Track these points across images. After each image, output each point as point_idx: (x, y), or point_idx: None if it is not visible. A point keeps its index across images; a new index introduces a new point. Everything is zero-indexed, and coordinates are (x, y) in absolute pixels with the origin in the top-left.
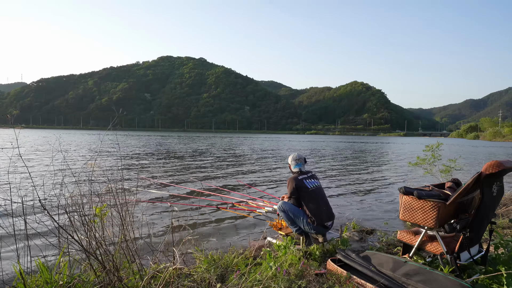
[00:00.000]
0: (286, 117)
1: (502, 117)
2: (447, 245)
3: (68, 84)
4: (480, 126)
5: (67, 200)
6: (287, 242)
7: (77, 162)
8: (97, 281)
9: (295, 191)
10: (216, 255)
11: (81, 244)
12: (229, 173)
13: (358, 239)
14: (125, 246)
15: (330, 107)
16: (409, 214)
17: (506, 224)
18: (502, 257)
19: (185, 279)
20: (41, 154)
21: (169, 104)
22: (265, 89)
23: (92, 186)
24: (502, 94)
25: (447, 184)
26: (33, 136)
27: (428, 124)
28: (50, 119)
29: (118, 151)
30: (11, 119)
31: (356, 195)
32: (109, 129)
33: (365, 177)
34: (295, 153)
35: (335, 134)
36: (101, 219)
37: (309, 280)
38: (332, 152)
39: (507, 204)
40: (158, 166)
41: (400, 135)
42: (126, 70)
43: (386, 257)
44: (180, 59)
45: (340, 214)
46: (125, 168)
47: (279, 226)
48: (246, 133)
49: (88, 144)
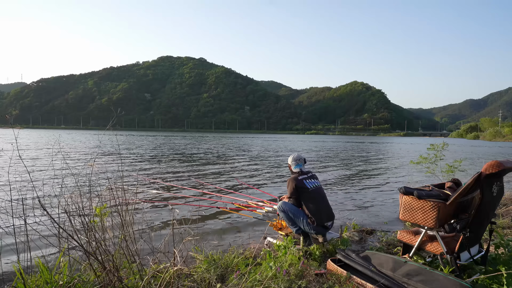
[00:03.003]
0: (286, 117)
1: (502, 117)
2: (447, 245)
3: (68, 84)
4: (480, 126)
5: (67, 200)
6: (287, 242)
7: (77, 162)
8: (97, 281)
9: (295, 191)
10: (216, 255)
11: (81, 244)
12: (229, 173)
13: (358, 239)
14: (125, 246)
15: (330, 107)
16: (409, 214)
17: (506, 224)
18: (502, 257)
19: (185, 279)
20: (41, 154)
21: (169, 104)
22: (265, 89)
23: (92, 186)
24: (502, 94)
25: (447, 184)
26: (33, 136)
27: (428, 124)
28: (50, 119)
29: (118, 151)
30: (11, 119)
31: (356, 195)
32: (107, 129)
33: (365, 177)
34: (295, 154)
35: (335, 134)
36: (101, 219)
37: (309, 280)
38: (332, 152)
39: (507, 204)
40: (158, 166)
41: (400, 135)
42: (126, 70)
43: (386, 257)
44: (180, 59)
45: (340, 214)
46: (125, 168)
47: (279, 226)
48: (246, 133)
49: (88, 144)
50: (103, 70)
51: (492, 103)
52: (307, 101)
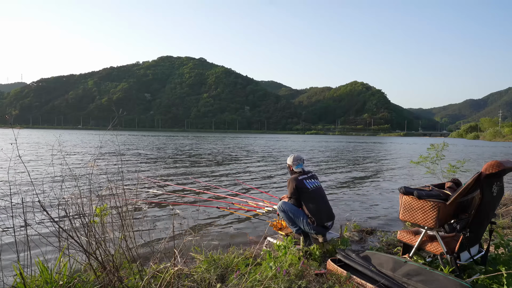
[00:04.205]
0: (286, 117)
1: (502, 117)
2: (447, 245)
3: (68, 84)
4: (480, 126)
5: (67, 200)
6: (287, 242)
7: (78, 163)
8: (97, 281)
9: (295, 191)
10: (216, 255)
11: (81, 245)
12: (229, 173)
13: (358, 239)
14: (125, 246)
15: (330, 107)
16: (409, 214)
17: (506, 224)
18: (502, 257)
19: (185, 279)
20: (41, 155)
21: (169, 104)
22: (265, 89)
23: (92, 186)
24: (502, 94)
25: (447, 184)
26: (33, 136)
27: (428, 124)
28: (50, 119)
29: (118, 152)
30: (11, 119)
31: (356, 195)
32: (109, 129)
33: (365, 177)
34: (295, 154)
35: (335, 134)
36: (101, 219)
37: (309, 280)
38: (332, 152)
39: (507, 204)
40: (158, 166)
41: (400, 135)
42: (126, 70)
43: (386, 257)
44: (180, 59)
45: (340, 214)
46: (125, 168)
47: (279, 226)
48: (247, 133)
49: (89, 144)
50: (103, 70)
51: (492, 103)
52: (307, 101)
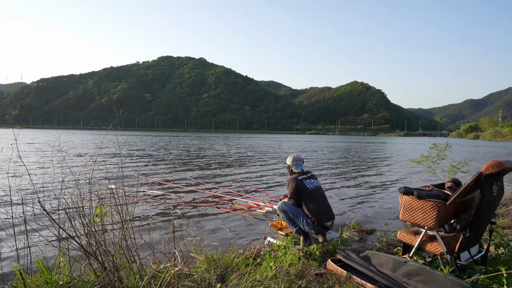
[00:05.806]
0: (286, 117)
1: (502, 117)
2: (447, 245)
3: (68, 84)
4: (480, 126)
5: (67, 200)
6: (287, 242)
7: (77, 162)
8: (97, 281)
9: (295, 192)
10: (216, 255)
11: (81, 245)
12: (229, 174)
13: (358, 239)
14: (125, 246)
15: (330, 107)
16: (409, 214)
17: (506, 224)
18: (502, 257)
19: (185, 279)
20: (41, 154)
21: (169, 104)
22: (265, 89)
23: (92, 186)
24: (502, 94)
25: (447, 184)
26: (32, 136)
27: (428, 124)
28: (50, 119)
29: (118, 151)
30: (11, 119)
31: (356, 195)
32: (109, 129)
33: (365, 177)
34: (294, 154)
35: (335, 134)
36: (101, 219)
37: (309, 280)
38: (332, 152)
39: (507, 204)
40: (158, 166)
41: (400, 135)
42: (126, 70)
43: (386, 257)
44: (180, 59)
45: (340, 214)
46: (125, 168)
47: (279, 226)
48: (247, 133)
49: (89, 144)
50: (103, 70)
51: (492, 103)
52: (307, 101)
